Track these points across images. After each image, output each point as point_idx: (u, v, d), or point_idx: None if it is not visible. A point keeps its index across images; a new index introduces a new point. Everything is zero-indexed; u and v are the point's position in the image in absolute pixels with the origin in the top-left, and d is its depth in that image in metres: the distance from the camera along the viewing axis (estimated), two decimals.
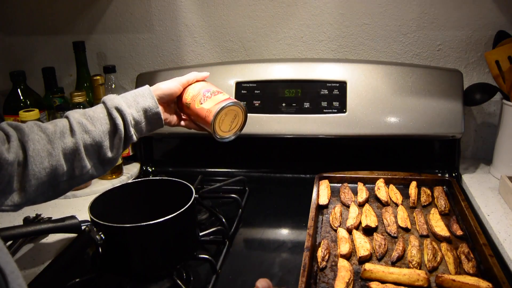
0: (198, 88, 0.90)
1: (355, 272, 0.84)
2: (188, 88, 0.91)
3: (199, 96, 0.88)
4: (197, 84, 0.92)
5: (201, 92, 0.89)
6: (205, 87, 0.90)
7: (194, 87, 0.91)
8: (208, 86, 0.91)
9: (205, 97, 0.88)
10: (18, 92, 1.30)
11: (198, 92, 0.89)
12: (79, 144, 0.76)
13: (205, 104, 0.87)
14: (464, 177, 1.25)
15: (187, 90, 0.91)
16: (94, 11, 1.43)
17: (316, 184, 1.15)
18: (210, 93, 0.89)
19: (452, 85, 1.20)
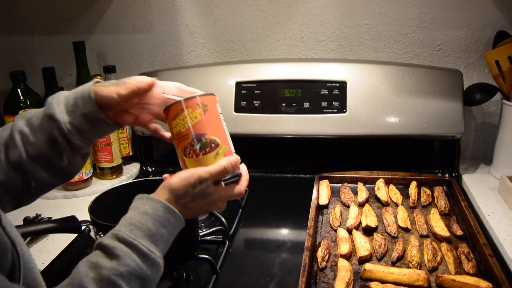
0: (188, 127, 0.68)
1: (355, 272, 0.84)
2: (178, 115, 0.68)
3: (186, 143, 0.68)
4: (189, 113, 0.68)
5: (190, 139, 0.67)
6: (197, 129, 0.67)
7: (184, 119, 0.68)
8: (202, 128, 0.68)
9: (192, 151, 0.67)
10: (18, 92, 1.30)
11: (186, 134, 0.68)
12: (23, 157, 0.69)
13: (189, 161, 0.68)
14: (464, 177, 1.25)
15: (175, 117, 0.68)
16: (94, 11, 1.43)
17: (316, 184, 1.15)
18: (200, 147, 0.67)
19: (452, 85, 1.20)
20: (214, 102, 0.71)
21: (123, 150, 1.36)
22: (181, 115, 0.68)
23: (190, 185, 0.65)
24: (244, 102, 1.27)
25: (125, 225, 0.61)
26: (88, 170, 1.25)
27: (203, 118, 0.68)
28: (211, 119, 0.69)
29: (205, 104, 0.69)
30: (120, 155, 1.31)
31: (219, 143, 0.68)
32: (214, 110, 0.70)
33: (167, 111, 0.69)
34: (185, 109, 0.68)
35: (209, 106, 0.69)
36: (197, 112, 0.68)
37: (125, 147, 1.37)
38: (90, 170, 1.25)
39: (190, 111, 0.67)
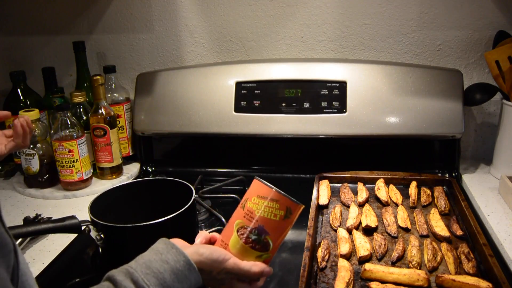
0: (261, 217, 0.66)
1: (355, 272, 0.84)
2: (264, 199, 0.67)
3: (247, 224, 0.66)
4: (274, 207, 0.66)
5: (254, 226, 0.66)
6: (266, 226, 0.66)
7: (265, 208, 0.66)
8: (270, 228, 0.66)
9: (245, 234, 0.66)
10: (18, 92, 1.30)
11: (255, 220, 0.66)
12: None
13: (234, 238, 0.67)
14: (464, 177, 1.25)
15: (260, 197, 0.67)
16: (94, 11, 1.43)
17: (316, 184, 1.15)
18: (254, 239, 0.66)
19: (452, 85, 1.20)
20: (297, 213, 0.69)
21: (123, 150, 1.36)
22: (265, 202, 0.66)
23: (217, 268, 0.63)
24: (244, 102, 1.27)
25: (141, 266, 0.58)
26: (88, 170, 1.25)
27: (280, 221, 0.66)
28: (284, 227, 0.67)
29: (292, 211, 0.67)
30: (120, 155, 1.31)
31: (270, 248, 0.67)
32: (292, 221, 0.68)
33: (260, 187, 0.68)
34: (275, 202, 0.66)
35: (292, 215, 0.67)
36: (281, 213, 0.66)
37: (125, 147, 1.37)
38: (90, 170, 1.26)
39: (277, 207, 0.66)
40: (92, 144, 1.27)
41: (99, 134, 1.24)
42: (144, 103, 1.33)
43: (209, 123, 1.27)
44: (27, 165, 1.22)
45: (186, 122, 1.29)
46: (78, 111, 1.27)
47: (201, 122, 1.28)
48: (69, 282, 0.85)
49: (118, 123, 1.31)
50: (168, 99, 1.31)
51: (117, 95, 1.35)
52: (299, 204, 0.68)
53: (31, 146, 1.20)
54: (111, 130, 1.25)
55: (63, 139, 1.18)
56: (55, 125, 1.19)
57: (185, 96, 1.30)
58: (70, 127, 1.18)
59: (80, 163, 1.21)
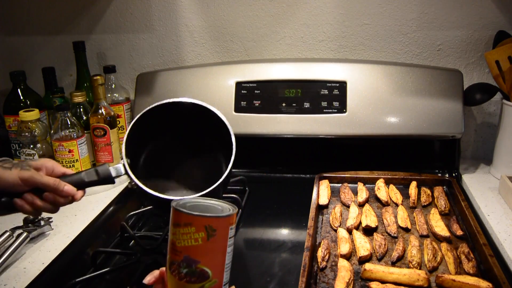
0: (183, 246, 0.58)
1: (355, 272, 0.84)
2: (179, 226, 0.58)
3: (175, 259, 0.58)
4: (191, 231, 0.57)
5: (180, 259, 0.58)
6: (192, 254, 0.58)
7: (182, 235, 0.57)
8: (197, 255, 0.58)
9: (177, 270, 0.59)
10: (18, 92, 1.30)
11: (179, 252, 0.58)
12: None
13: (170, 278, 0.60)
14: (464, 177, 1.25)
15: (175, 225, 0.58)
16: (94, 11, 1.43)
17: (316, 184, 1.15)
18: (186, 272, 0.58)
19: (452, 85, 1.20)
20: (227, 226, 0.58)
21: None
22: (181, 229, 0.57)
23: None
24: (244, 102, 1.27)
25: None
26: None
27: (204, 244, 0.57)
28: (214, 247, 0.58)
29: (214, 228, 0.57)
30: (120, 155, 1.31)
31: (209, 275, 0.58)
32: (223, 236, 0.58)
33: (174, 213, 0.58)
34: (188, 226, 0.56)
35: (218, 231, 0.57)
36: (201, 235, 0.56)
37: None
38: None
39: (193, 230, 0.56)
40: (92, 144, 1.27)
41: (99, 134, 1.24)
42: (144, 103, 1.33)
43: None
44: None
45: None
46: (78, 111, 1.27)
47: None
48: (69, 282, 0.85)
49: (118, 123, 1.31)
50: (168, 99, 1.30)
51: (117, 95, 1.35)
52: (220, 217, 0.58)
53: (31, 146, 1.20)
54: (111, 130, 1.25)
55: (63, 139, 1.18)
56: (55, 125, 1.19)
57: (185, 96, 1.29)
58: (70, 127, 1.18)
59: (80, 163, 1.21)
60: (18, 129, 1.20)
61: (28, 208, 0.77)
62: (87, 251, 0.98)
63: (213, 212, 0.60)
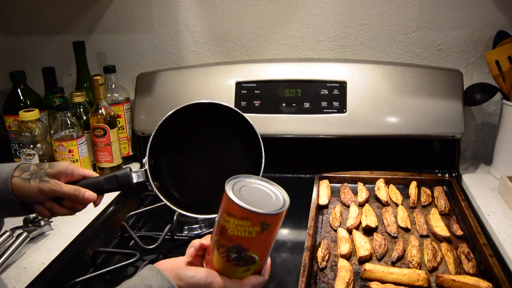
0: (236, 235, 0.60)
1: (355, 272, 0.84)
2: (235, 217, 0.59)
3: (225, 243, 0.61)
4: (247, 225, 0.59)
5: (232, 245, 0.60)
6: (244, 243, 0.60)
7: (237, 226, 0.59)
8: (249, 245, 0.61)
9: (225, 253, 0.61)
10: (18, 92, 1.30)
11: (231, 239, 0.60)
12: None
13: (217, 257, 0.63)
14: (464, 177, 1.25)
15: (230, 215, 0.59)
16: (94, 11, 1.43)
17: (316, 184, 1.15)
18: (235, 257, 0.61)
19: (452, 85, 1.20)
20: (279, 221, 0.61)
21: (123, 150, 1.36)
22: (237, 220, 0.58)
23: (198, 286, 0.61)
24: (244, 102, 1.27)
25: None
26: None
27: (257, 236, 0.59)
28: (265, 238, 0.60)
29: (268, 223, 0.59)
30: (120, 155, 1.31)
31: (256, 260, 0.61)
32: (274, 229, 0.61)
33: (228, 203, 0.59)
34: (245, 220, 0.58)
35: (271, 226, 0.60)
36: (255, 229, 0.58)
37: (125, 147, 1.37)
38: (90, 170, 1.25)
39: (249, 224, 0.58)
40: (92, 144, 1.27)
41: (99, 134, 1.24)
42: (144, 103, 1.33)
43: None
44: None
45: None
46: (78, 111, 1.28)
47: None
48: (69, 282, 0.85)
49: (118, 123, 1.31)
50: (168, 99, 1.31)
51: (117, 95, 1.35)
52: (276, 214, 0.59)
53: (31, 146, 1.20)
54: (111, 130, 1.25)
55: (63, 139, 1.18)
56: (55, 125, 1.19)
57: (185, 96, 1.29)
58: (70, 127, 1.18)
59: (80, 163, 1.21)
60: (18, 129, 1.20)
61: (47, 213, 0.78)
62: (87, 251, 0.98)
63: (268, 203, 0.61)
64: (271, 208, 0.59)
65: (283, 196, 0.63)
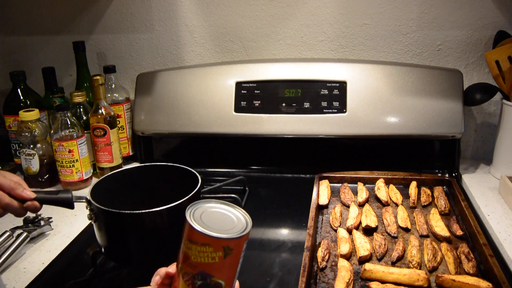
0: (199, 262, 0.58)
1: (355, 272, 0.84)
2: (196, 243, 0.57)
3: (190, 271, 0.58)
4: (209, 251, 0.57)
5: (196, 272, 0.59)
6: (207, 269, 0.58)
7: (200, 253, 0.58)
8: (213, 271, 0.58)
9: (191, 282, 0.59)
10: (18, 92, 1.30)
11: (194, 266, 0.58)
12: None
13: (183, 286, 0.60)
14: (464, 177, 1.25)
15: (192, 241, 0.58)
16: (94, 11, 1.43)
17: (316, 184, 1.15)
18: (200, 284, 0.59)
19: (452, 85, 1.20)
20: (242, 244, 0.59)
21: (123, 150, 1.36)
22: (198, 247, 0.57)
23: None
24: (244, 102, 1.27)
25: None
26: (88, 170, 1.25)
27: (221, 262, 0.57)
28: (229, 263, 0.59)
29: (231, 248, 0.57)
30: (120, 155, 1.31)
31: (222, 286, 0.59)
32: (238, 252, 0.59)
33: (189, 229, 0.57)
34: (206, 246, 0.56)
35: (234, 250, 0.58)
36: (218, 254, 0.57)
37: (125, 147, 1.37)
38: (90, 170, 1.26)
39: (211, 250, 0.57)
40: (92, 144, 1.27)
41: (99, 134, 1.24)
42: (144, 103, 1.33)
43: (209, 123, 1.27)
44: (27, 165, 1.22)
45: (186, 122, 1.29)
46: (78, 111, 1.28)
47: (201, 122, 1.28)
48: (69, 282, 0.85)
49: (118, 123, 1.31)
50: (168, 99, 1.31)
51: (117, 95, 1.35)
52: (238, 237, 0.57)
53: (31, 146, 1.20)
54: (111, 130, 1.25)
55: (63, 139, 1.18)
56: (55, 125, 1.19)
57: (185, 96, 1.30)
58: (70, 127, 1.18)
59: (80, 163, 1.21)
60: (18, 129, 1.20)
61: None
62: (87, 251, 0.98)
63: (229, 227, 0.59)
64: (232, 232, 0.58)
65: (246, 219, 0.61)
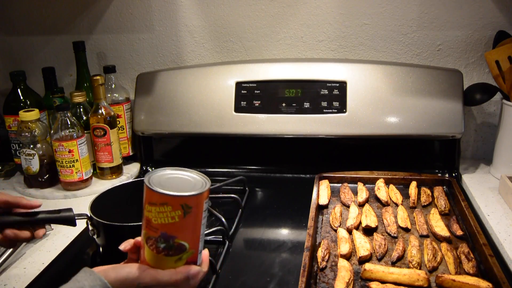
0: (160, 223, 0.60)
1: (355, 272, 0.84)
2: (155, 205, 0.59)
3: (152, 235, 0.61)
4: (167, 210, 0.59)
5: (158, 235, 0.60)
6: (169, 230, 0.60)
7: (159, 214, 0.59)
8: (174, 231, 0.60)
9: (154, 245, 0.61)
10: (18, 92, 1.30)
11: (156, 228, 0.60)
12: None
13: (148, 252, 0.62)
14: (464, 177, 1.25)
15: (151, 204, 0.60)
16: (94, 11, 1.43)
17: (316, 184, 1.15)
18: (164, 247, 0.61)
19: (452, 85, 1.20)
20: (202, 202, 0.60)
21: (123, 150, 1.36)
22: (157, 207, 0.58)
23: (132, 284, 0.61)
24: (244, 102, 1.27)
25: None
26: (88, 170, 1.25)
27: (181, 221, 0.59)
28: (190, 223, 0.60)
29: (190, 206, 0.59)
30: (120, 155, 1.31)
31: (186, 248, 0.60)
32: (198, 211, 0.60)
33: (147, 192, 0.60)
34: (165, 205, 0.58)
35: (193, 208, 0.59)
36: (177, 213, 0.58)
37: (125, 147, 1.37)
38: (90, 170, 1.26)
39: (169, 209, 0.58)
40: (92, 144, 1.27)
41: (99, 134, 1.24)
42: (144, 103, 1.33)
43: (209, 123, 1.27)
44: (27, 165, 1.22)
45: (186, 122, 1.29)
46: (78, 111, 1.28)
47: (201, 122, 1.28)
48: None
49: (118, 123, 1.31)
50: (168, 99, 1.31)
51: (117, 95, 1.35)
52: (196, 195, 0.59)
53: (31, 146, 1.20)
54: (111, 130, 1.25)
55: (63, 139, 1.18)
56: (55, 125, 1.19)
57: (185, 96, 1.30)
58: (70, 127, 1.18)
59: (80, 163, 1.21)
60: (18, 129, 1.20)
61: None
62: (87, 251, 0.98)
63: (187, 188, 0.61)
64: (190, 191, 0.59)
65: (203, 179, 0.62)
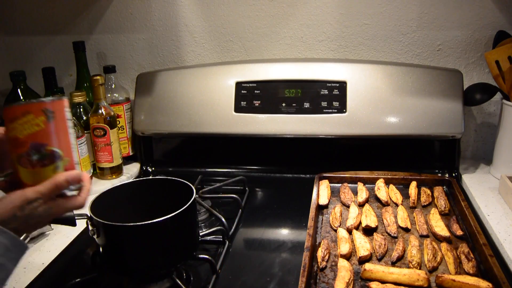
0: (26, 135, 0.61)
1: (355, 272, 0.84)
2: (17, 119, 0.61)
3: (22, 151, 0.61)
4: (30, 119, 0.61)
5: (28, 148, 0.61)
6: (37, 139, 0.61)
7: (23, 125, 0.61)
8: (43, 138, 0.61)
9: (28, 161, 0.61)
10: (18, 92, 1.30)
11: (23, 142, 0.61)
12: None
13: (23, 171, 0.62)
14: (464, 177, 1.25)
15: (13, 120, 0.61)
16: (94, 11, 1.43)
17: (316, 184, 1.15)
18: (37, 158, 0.61)
19: (452, 85, 1.20)
20: (62, 108, 0.61)
21: (123, 150, 1.36)
22: (20, 120, 0.59)
23: (16, 208, 0.58)
24: (244, 102, 1.27)
25: None
26: (88, 170, 1.25)
27: (46, 126, 0.60)
28: (56, 128, 0.61)
29: (52, 110, 0.60)
30: (120, 155, 1.31)
31: (61, 155, 0.61)
32: (61, 117, 0.61)
33: (5, 111, 0.60)
34: (26, 114, 0.59)
35: (56, 113, 0.60)
36: (40, 119, 0.59)
37: (125, 147, 1.37)
38: (90, 170, 1.26)
39: (32, 117, 0.59)
40: (92, 144, 1.27)
41: (99, 134, 1.24)
42: (144, 103, 1.33)
43: (209, 123, 1.27)
44: None
45: (186, 122, 1.29)
46: (78, 111, 1.28)
47: (201, 122, 1.28)
48: (69, 282, 0.85)
49: (118, 123, 1.31)
50: (168, 99, 1.31)
51: (117, 95, 1.35)
52: (55, 100, 0.60)
53: None
54: (111, 130, 1.25)
55: None
56: None
57: (185, 96, 1.30)
58: None
59: (80, 163, 1.21)
60: None
61: None
62: (87, 251, 0.98)
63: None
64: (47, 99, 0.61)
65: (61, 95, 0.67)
